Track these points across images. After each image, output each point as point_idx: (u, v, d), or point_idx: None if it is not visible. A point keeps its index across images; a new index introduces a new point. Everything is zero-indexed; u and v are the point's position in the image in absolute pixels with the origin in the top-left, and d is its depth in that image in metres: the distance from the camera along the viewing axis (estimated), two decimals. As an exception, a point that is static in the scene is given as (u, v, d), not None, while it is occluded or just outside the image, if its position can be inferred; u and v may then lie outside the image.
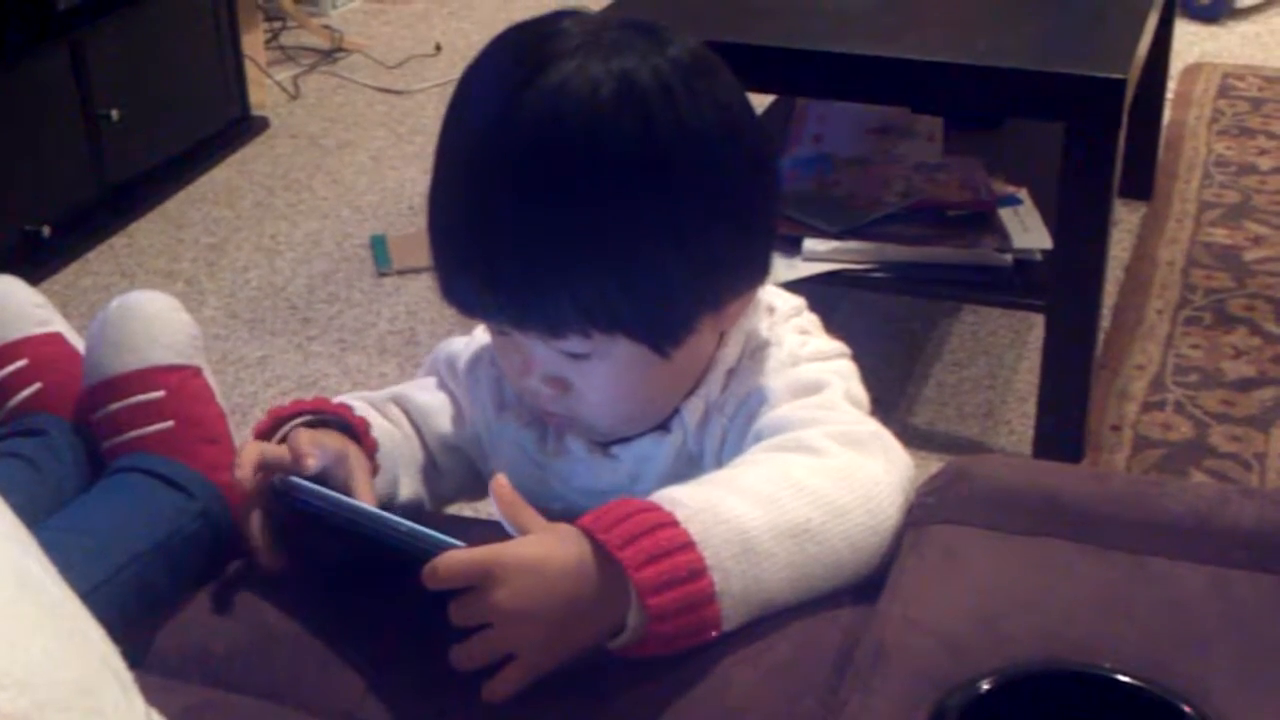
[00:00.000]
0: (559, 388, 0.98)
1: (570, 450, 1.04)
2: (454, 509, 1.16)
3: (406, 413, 1.10)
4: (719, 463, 0.99)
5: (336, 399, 1.10)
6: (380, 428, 1.05)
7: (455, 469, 1.11)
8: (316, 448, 0.95)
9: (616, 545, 0.82)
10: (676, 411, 1.01)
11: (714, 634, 0.85)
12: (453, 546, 0.84)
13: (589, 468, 1.04)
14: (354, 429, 1.01)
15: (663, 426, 1.02)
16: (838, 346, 1.04)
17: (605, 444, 1.03)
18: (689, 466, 1.01)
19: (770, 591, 0.87)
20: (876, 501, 0.91)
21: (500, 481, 0.88)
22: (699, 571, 0.83)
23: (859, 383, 1.02)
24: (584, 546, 0.84)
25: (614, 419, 1.00)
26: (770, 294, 1.05)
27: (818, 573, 0.88)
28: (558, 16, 0.95)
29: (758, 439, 0.96)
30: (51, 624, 0.63)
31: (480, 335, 1.10)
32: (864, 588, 0.91)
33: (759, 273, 0.99)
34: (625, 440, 1.03)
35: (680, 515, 0.84)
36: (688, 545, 0.83)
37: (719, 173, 0.93)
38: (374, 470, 1.01)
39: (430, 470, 1.10)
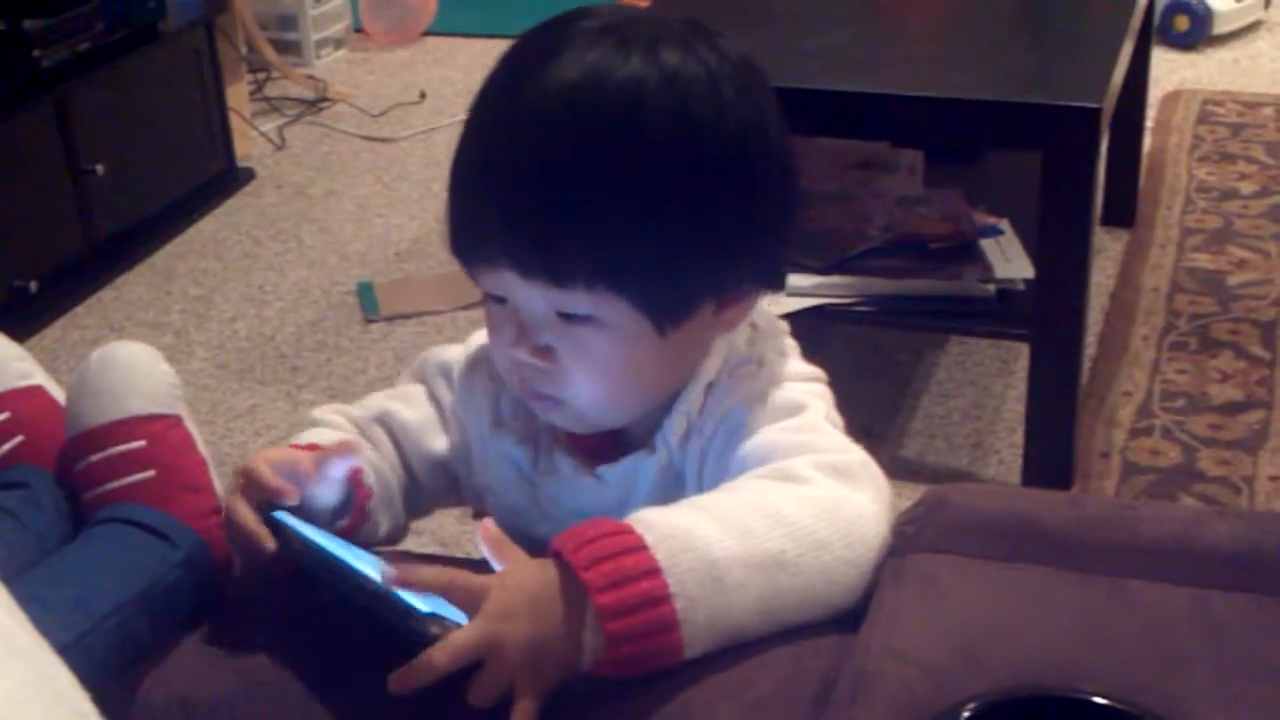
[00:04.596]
0: (548, 359, 0.97)
1: (559, 470, 1.04)
2: (445, 520, 1.16)
3: (391, 433, 1.10)
4: (700, 484, 0.99)
5: (318, 411, 1.10)
6: (365, 463, 1.05)
7: (435, 485, 1.11)
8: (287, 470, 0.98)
9: (582, 566, 0.84)
10: (660, 429, 1.01)
11: (677, 659, 0.85)
12: (414, 612, 0.85)
13: (577, 489, 1.04)
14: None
15: (648, 446, 1.02)
16: (814, 370, 1.04)
17: (592, 464, 1.03)
18: (676, 488, 1.01)
19: (739, 621, 0.86)
20: (858, 534, 0.91)
21: (487, 525, 0.90)
22: (661, 598, 0.83)
23: (834, 408, 1.02)
24: (553, 571, 0.85)
25: (600, 402, 0.99)
26: (754, 313, 1.06)
27: (791, 604, 0.88)
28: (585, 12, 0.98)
29: (743, 466, 0.96)
30: (18, 670, 0.63)
31: (476, 342, 1.10)
32: (845, 617, 0.90)
33: (765, 279, 1.01)
34: (611, 460, 1.02)
35: (650, 539, 0.85)
36: (653, 571, 0.84)
37: (748, 162, 0.96)
38: (364, 518, 1.03)
39: (410, 490, 1.10)
